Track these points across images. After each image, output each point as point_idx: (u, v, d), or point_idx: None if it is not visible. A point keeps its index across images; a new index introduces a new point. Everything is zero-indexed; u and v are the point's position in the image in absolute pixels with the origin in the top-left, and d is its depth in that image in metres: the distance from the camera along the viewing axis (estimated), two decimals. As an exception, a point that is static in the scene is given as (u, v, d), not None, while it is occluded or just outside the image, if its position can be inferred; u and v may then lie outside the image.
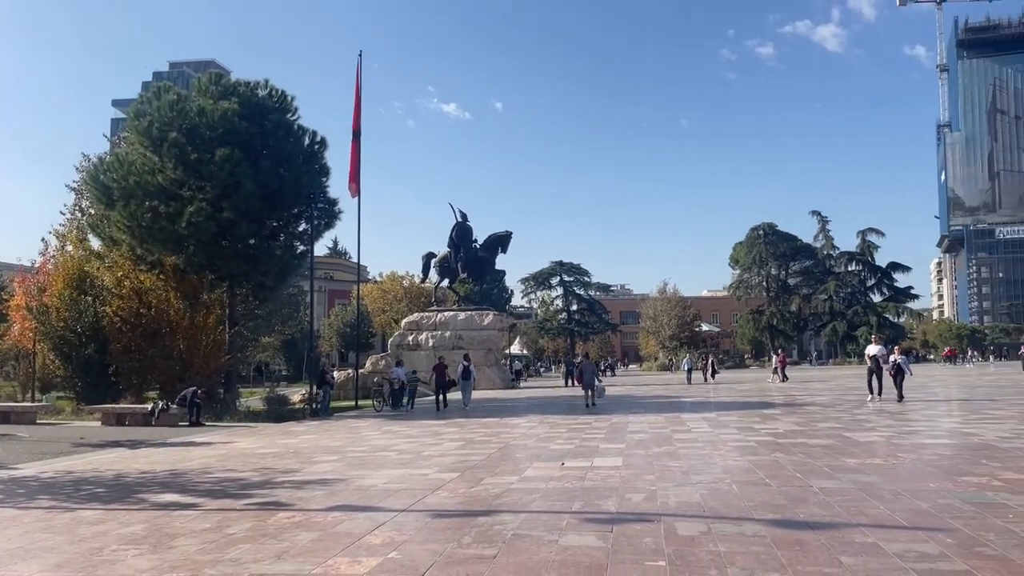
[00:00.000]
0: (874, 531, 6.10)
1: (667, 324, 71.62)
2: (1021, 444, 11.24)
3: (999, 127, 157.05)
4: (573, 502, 7.69)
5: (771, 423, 15.55)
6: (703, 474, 9.24)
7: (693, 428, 15.06)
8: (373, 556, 5.85)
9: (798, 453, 10.80)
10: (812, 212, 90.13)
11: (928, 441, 12.10)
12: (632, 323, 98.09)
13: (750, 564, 5.28)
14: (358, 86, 27.08)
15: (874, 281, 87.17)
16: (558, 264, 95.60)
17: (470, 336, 38.86)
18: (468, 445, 13.32)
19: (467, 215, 42.83)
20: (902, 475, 8.80)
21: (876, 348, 21.44)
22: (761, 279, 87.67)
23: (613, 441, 13.04)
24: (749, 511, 7.02)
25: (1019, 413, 16.47)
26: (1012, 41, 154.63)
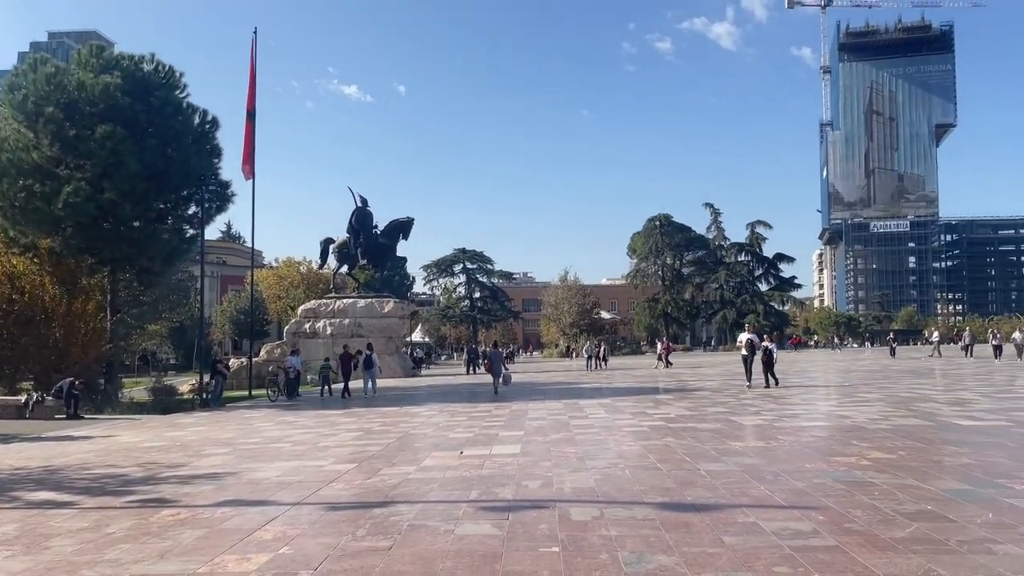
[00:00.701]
0: (755, 511, 6.42)
1: (568, 312, 72.78)
2: (887, 425, 12.07)
3: (875, 127, 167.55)
4: (471, 491, 7.71)
5: (664, 408, 16.09)
6: (598, 459, 9.46)
7: (590, 414, 15.39)
8: (263, 552, 5.69)
9: (688, 437, 11.22)
10: (705, 204, 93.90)
11: (806, 424, 12.82)
12: (534, 311, 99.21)
13: (639, 547, 5.45)
14: (252, 64, 26.07)
15: (762, 271, 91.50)
16: (461, 251, 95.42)
17: (370, 324, 38.29)
18: (366, 435, 13.15)
19: (367, 200, 42.05)
20: (782, 456, 9.29)
21: (749, 336, 22.12)
22: (657, 268, 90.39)
23: (512, 429, 13.17)
24: (640, 495, 7.25)
25: (887, 396, 17.69)
26: (888, 47, 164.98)
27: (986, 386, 20.06)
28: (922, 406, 15.03)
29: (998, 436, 10.59)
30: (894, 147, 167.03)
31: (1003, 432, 10.98)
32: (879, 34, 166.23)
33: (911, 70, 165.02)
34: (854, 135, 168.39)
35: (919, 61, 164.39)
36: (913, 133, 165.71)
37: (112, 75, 22.61)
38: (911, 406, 15.06)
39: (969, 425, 11.95)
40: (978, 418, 12.78)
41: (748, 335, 22.01)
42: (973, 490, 7.06)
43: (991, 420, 12.45)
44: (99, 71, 22.93)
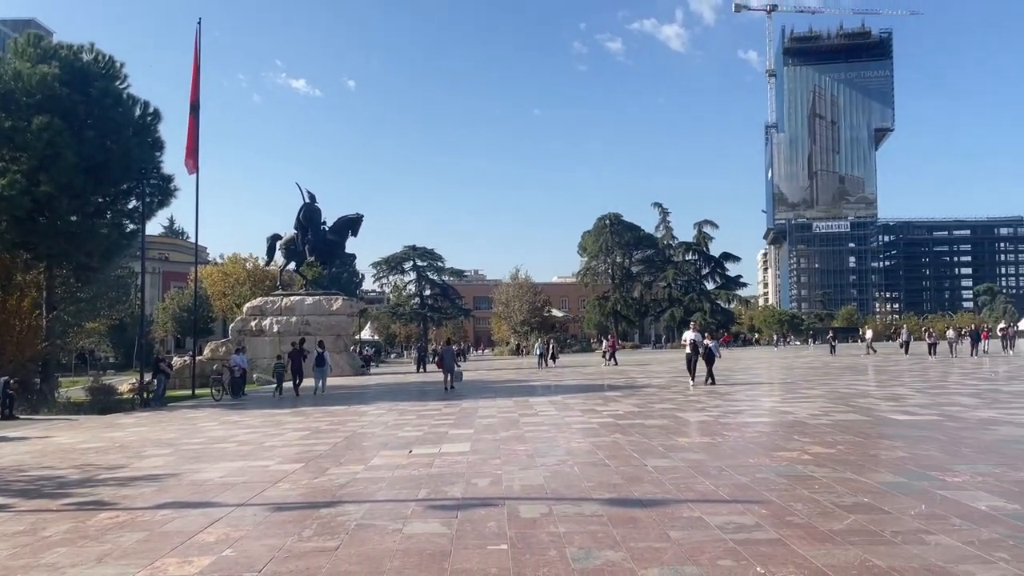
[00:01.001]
0: (700, 506, 6.53)
1: (519, 309, 73.02)
2: (827, 421, 12.42)
3: (818, 130, 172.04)
4: (419, 490, 7.68)
5: (613, 405, 16.26)
6: (547, 457, 9.51)
7: (540, 412, 15.46)
8: (205, 555, 5.57)
9: (636, 434, 11.36)
10: (654, 204, 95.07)
11: (750, 420, 13.11)
12: (485, 308, 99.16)
13: (587, 543, 5.50)
14: (196, 57, 25.41)
15: (708, 270, 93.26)
16: (411, 248, 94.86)
17: (318, 322, 37.78)
18: (313, 435, 12.97)
19: (315, 196, 41.46)
20: (726, 452, 9.48)
21: (693, 335, 22.05)
22: (607, 267, 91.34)
23: (462, 427, 13.14)
24: (589, 491, 7.31)
25: (827, 392, 18.19)
26: (830, 52, 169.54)
27: (920, 382, 20.79)
28: (860, 401, 15.50)
29: (931, 430, 10.97)
30: (836, 150, 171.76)
31: (935, 426, 11.39)
32: (822, 40, 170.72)
33: (852, 75, 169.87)
34: (798, 137, 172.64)
35: (859, 67, 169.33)
36: (854, 136, 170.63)
37: (50, 65, 21.85)
38: (850, 402, 15.52)
39: (904, 420, 12.36)
40: (912, 413, 13.24)
41: (692, 334, 22.07)
42: (907, 482, 7.30)
43: (924, 415, 12.90)
44: (36, 61, 22.13)
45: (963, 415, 12.70)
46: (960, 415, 12.71)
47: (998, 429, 10.93)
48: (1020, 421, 11.79)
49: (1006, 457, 8.56)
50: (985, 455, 8.74)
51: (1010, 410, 13.33)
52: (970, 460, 8.41)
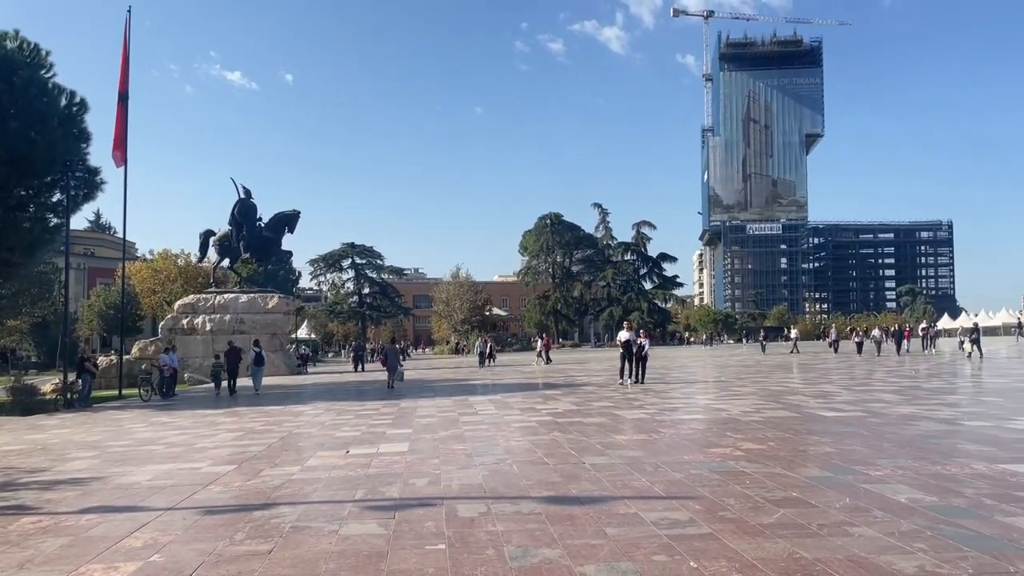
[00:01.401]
0: (636, 502, 6.63)
1: (459, 308, 72.86)
2: (759, 417, 12.77)
3: (752, 134, 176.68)
4: (356, 490, 7.59)
5: (552, 403, 16.37)
6: (486, 456, 9.52)
7: (480, 410, 15.46)
8: (132, 560, 5.39)
9: (574, 432, 11.47)
10: (594, 204, 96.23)
11: (685, 417, 13.37)
12: (425, 307, 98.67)
13: (525, 541, 5.52)
14: (126, 45, 24.59)
15: (646, 270, 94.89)
16: (350, 246, 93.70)
17: (253, 320, 36.97)
18: (247, 435, 12.69)
19: (251, 192, 40.56)
20: (662, 449, 9.65)
21: (627, 334, 21.93)
22: (548, 266, 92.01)
23: (401, 426, 13.05)
24: (527, 490, 7.34)
25: (759, 390, 18.70)
26: (764, 58, 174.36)
27: (847, 380, 21.56)
28: (790, 399, 15.99)
29: (856, 426, 11.39)
30: (769, 154, 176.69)
31: (860, 422, 11.83)
32: (756, 46, 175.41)
33: (784, 82, 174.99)
34: (733, 141, 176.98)
35: (791, 73, 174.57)
36: (786, 141, 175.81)
37: (-33, 51, 20.78)
38: (780, 399, 15.99)
39: (831, 416, 12.80)
40: (839, 409, 13.72)
41: (626, 333, 22.04)
42: (833, 477, 7.57)
43: (850, 411, 13.38)
44: (-48, 45, 21.03)
45: (885, 411, 13.22)
46: (883, 411, 13.23)
47: (917, 424, 11.41)
48: (938, 417, 12.33)
49: (924, 451, 8.94)
50: (905, 449, 9.11)
51: (929, 406, 13.93)
52: (891, 454, 8.77)
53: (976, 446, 9.27)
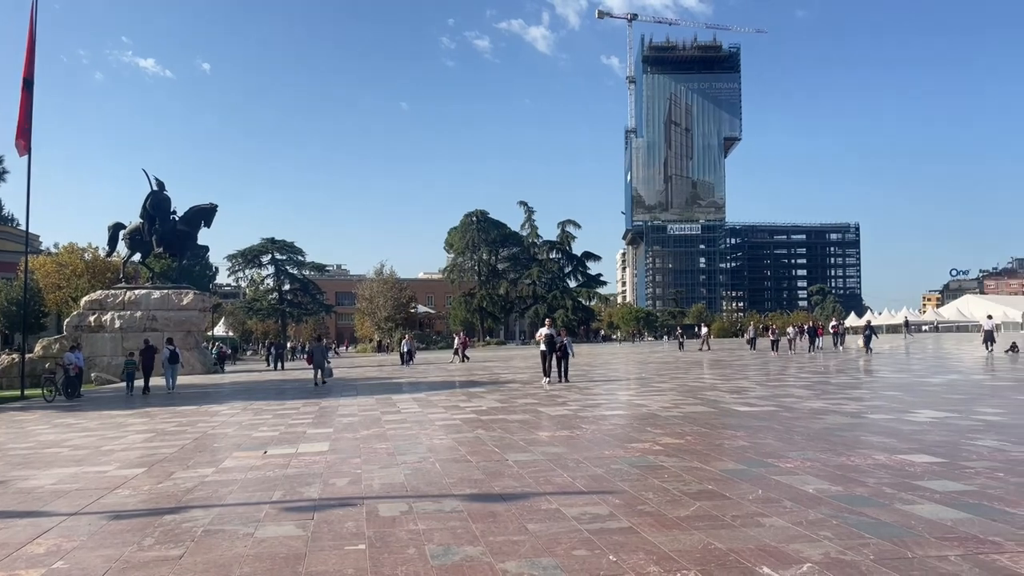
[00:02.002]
0: (558, 498, 6.69)
1: (383, 306, 72.06)
2: (678, 413, 13.09)
3: (673, 136, 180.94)
4: (273, 491, 7.40)
5: (476, 401, 16.36)
6: (409, 454, 9.43)
7: (403, 409, 15.32)
8: (34, 568, 5.11)
9: (498, 429, 11.49)
10: (520, 202, 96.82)
11: (607, 413, 13.58)
12: (348, 304, 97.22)
13: (447, 539, 5.50)
14: (32, 29, 23.26)
15: (571, 268, 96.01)
16: (270, 241, 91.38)
17: (166, 317, 35.61)
18: (158, 436, 12.21)
19: (164, 184, 39.03)
20: (584, 445, 9.77)
21: (548, 331, 21.47)
22: (473, 264, 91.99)
23: (321, 426, 12.80)
24: (450, 488, 7.31)
25: (678, 386, 19.17)
26: (685, 62, 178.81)
27: (762, 376, 22.34)
28: (707, 394, 16.45)
29: (768, 420, 11.81)
30: (689, 156, 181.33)
31: (772, 416, 12.27)
32: (678, 50, 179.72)
33: (704, 86, 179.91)
34: (655, 143, 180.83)
35: (711, 78, 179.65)
36: (705, 144, 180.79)
37: None
38: (698, 394, 16.43)
39: (745, 411, 13.23)
40: (753, 404, 14.20)
41: (547, 330, 21.63)
42: (747, 469, 7.82)
43: (763, 406, 13.87)
44: None
45: (796, 406, 13.76)
46: (794, 406, 13.76)
47: (825, 418, 11.91)
48: (844, 411, 12.91)
49: (831, 443, 9.34)
50: (814, 442, 9.50)
51: (836, 400, 14.57)
52: (801, 447, 9.12)
53: (878, 438, 9.74)
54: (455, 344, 40.33)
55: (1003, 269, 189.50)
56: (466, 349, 40.41)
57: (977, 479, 7.09)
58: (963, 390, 16.59)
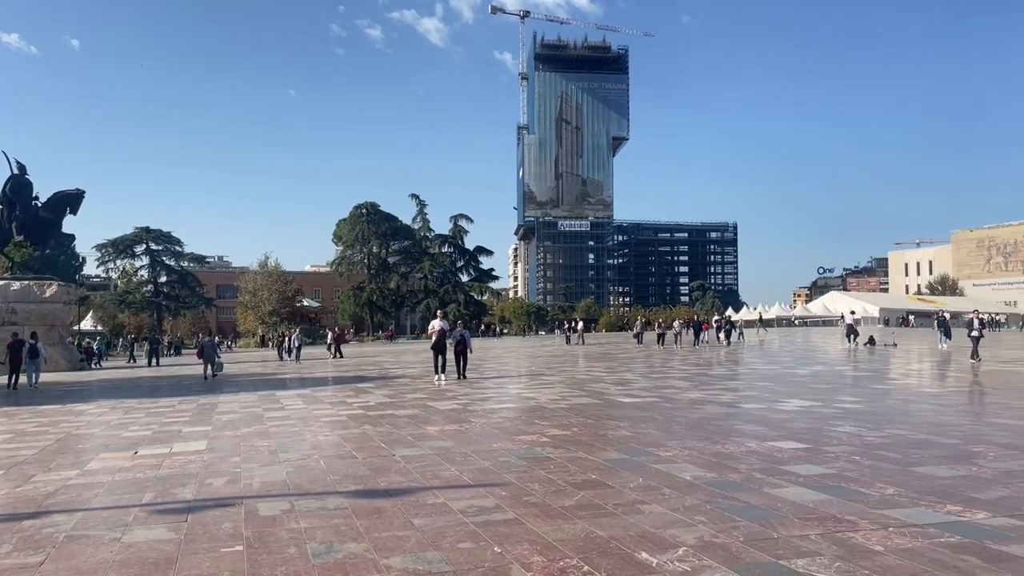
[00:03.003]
0: (444, 492, 6.68)
1: (268, 299, 69.60)
2: (565, 405, 13.35)
3: (564, 134, 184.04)
4: (144, 494, 7.02)
5: (364, 397, 16.11)
6: (292, 452, 9.17)
7: (287, 405, 14.87)
8: None
9: (386, 424, 11.35)
10: (412, 195, 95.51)
11: (496, 406, 13.69)
12: (230, 297, 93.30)
13: (330, 537, 5.38)
14: None
15: (463, 262, 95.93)
16: (144, 230, 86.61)
17: (27, 310, 33.09)
18: (17, 438, 11.33)
19: (26, 168, 36.18)
20: (472, 438, 9.80)
21: (441, 323, 20.16)
22: (363, 256, 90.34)
23: (198, 424, 12.24)
24: (334, 485, 7.16)
25: (566, 378, 19.56)
26: (576, 61, 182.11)
27: (645, 368, 23.12)
28: (594, 386, 16.87)
29: (650, 411, 12.24)
30: (579, 154, 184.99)
31: (654, 407, 12.73)
32: (569, 49, 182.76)
33: (595, 85, 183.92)
34: (547, 140, 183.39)
35: (601, 78, 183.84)
36: (595, 143, 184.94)
37: None
38: (585, 387, 16.82)
39: (629, 402, 13.66)
40: (637, 396, 14.67)
41: (440, 322, 20.22)
42: (629, 459, 8.07)
43: (646, 397, 14.36)
44: None
45: (677, 397, 14.32)
46: (674, 397, 14.32)
47: (703, 408, 12.47)
48: (720, 401, 13.55)
49: (708, 432, 9.78)
50: (692, 431, 9.92)
51: (713, 391, 15.28)
52: (680, 436, 9.50)
53: (750, 426, 10.29)
54: (329, 338, 38.59)
55: (863, 268, 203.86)
56: (340, 345, 39.13)
57: (837, 463, 7.60)
58: (826, 380, 17.76)
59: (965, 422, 10.53)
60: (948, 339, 32.80)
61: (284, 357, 36.71)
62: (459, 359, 19.91)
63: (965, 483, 6.64)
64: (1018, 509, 5.74)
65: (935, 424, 10.31)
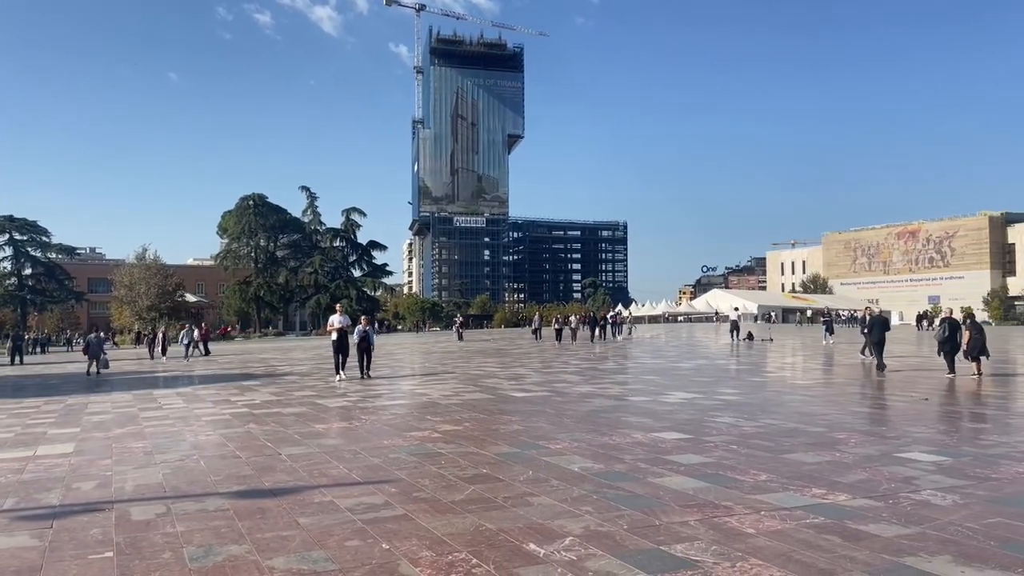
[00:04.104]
0: (332, 490, 6.55)
1: (145, 294, 66.04)
2: (458, 400, 13.36)
3: (460, 130, 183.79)
4: (4, 500, 6.51)
5: (249, 395, 15.56)
6: (170, 453, 8.74)
7: (165, 405, 14.17)
8: None
9: (272, 423, 11.01)
10: (302, 187, 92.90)
11: (388, 403, 13.53)
12: (103, 292, 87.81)
13: (209, 540, 5.17)
14: None
15: (356, 257, 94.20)
16: (8, 219, 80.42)
17: None
18: None
19: None
20: (362, 435, 9.65)
21: (341, 318, 18.56)
22: (250, 250, 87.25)
23: (66, 425, 11.48)
24: (214, 486, 6.88)
25: (460, 374, 19.58)
26: (472, 57, 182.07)
27: (538, 363, 23.45)
28: (487, 382, 16.96)
29: (542, 405, 12.43)
30: (475, 150, 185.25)
31: (545, 401, 12.93)
32: (465, 45, 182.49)
33: (490, 82, 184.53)
34: (442, 135, 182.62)
35: (496, 75, 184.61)
36: (491, 139, 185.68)
37: None
38: (478, 382, 16.89)
39: (521, 396, 13.82)
40: (529, 390, 14.86)
41: (340, 317, 18.55)
42: (520, 452, 8.16)
43: (538, 391, 14.57)
44: None
45: (568, 391, 14.61)
46: (565, 391, 14.60)
47: (592, 401, 12.78)
48: (609, 394, 13.92)
49: (596, 425, 10.03)
50: (581, 424, 10.14)
51: (602, 385, 15.68)
52: (570, 429, 9.70)
53: (636, 418, 10.63)
54: (195, 335, 36.14)
55: (744, 267, 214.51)
56: (207, 342, 37.01)
57: (716, 452, 7.96)
58: (708, 373, 18.58)
59: (831, 411, 11.26)
60: (831, 335, 34.98)
61: (156, 355, 34.59)
62: (363, 357, 18.58)
63: (829, 468, 7.10)
64: (875, 491, 6.19)
65: (805, 414, 10.97)
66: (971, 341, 16.49)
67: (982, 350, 16.50)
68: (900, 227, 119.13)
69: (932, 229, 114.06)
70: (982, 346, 16.50)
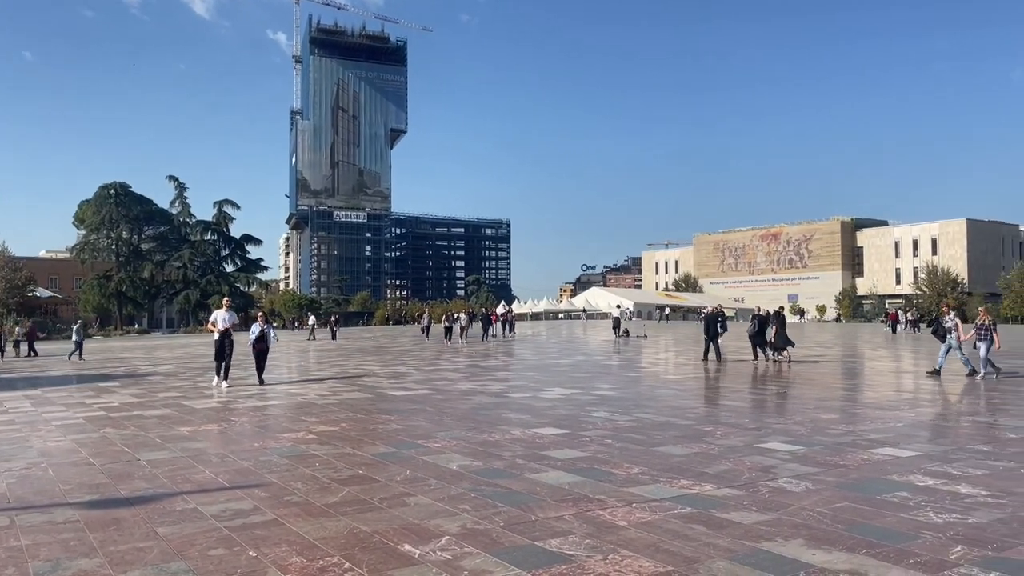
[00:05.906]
0: (196, 496, 6.21)
1: (-10, 288, 60.66)
2: (335, 400, 13.03)
3: (340, 123, 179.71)
4: None
5: (107, 396, 14.56)
6: (15, 461, 8.03)
7: (11, 408, 13.02)
8: None
9: (131, 426, 10.34)
10: (169, 177, 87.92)
11: (260, 404, 13.01)
12: (-60, 285, 79.88)
13: (57, 553, 4.78)
14: None
15: (228, 251, 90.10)
16: None
17: None
18: None
19: None
20: (232, 438, 9.23)
21: (226, 314, 16.05)
22: (111, 242, 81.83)
23: None
24: (64, 495, 6.38)
25: (337, 373, 19.13)
26: (354, 49, 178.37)
27: (419, 361, 23.26)
28: (366, 380, 16.65)
29: (422, 403, 12.33)
30: (356, 144, 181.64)
31: (426, 399, 12.84)
32: (346, 36, 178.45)
33: (372, 75, 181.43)
34: (322, 127, 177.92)
35: (379, 69, 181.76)
36: (373, 133, 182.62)
37: None
38: (357, 381, 16.55)
39: (401, 395, 13.66)
40: (409, 389, 14.71)
41: (224, 314, 15.98)
42: (398, 451, 8.05)
43: (418, 390, 14.44)
44: None
45: (448, 388, 14.57)
46: (446, 388, 14.55)
47: (473, 399, 12.80)
48: (490, 391, 13.99)
49: (476, 422, 10.05)
50: (461, 422, 10.13)
51: (484, 382, 15.74)
52: (449, 427, 9.66)
53: (516, 414, 10.72)
54: (16, 334, 32.85)
55: (621, 266, 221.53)
56: (33, 340, 33.87)
57: (591, 446, 8.15)
58: (586, 369, 19.04)
59: (699, 405, 11.80)
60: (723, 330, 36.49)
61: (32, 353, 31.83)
62: (259, 360, 16.18)
63: (697, 459, 7.42)
64: (737, 480, 6.52)
65: (675, 407, 11.43)
66: (777, 334, 19.79)
67: (786, 340, 19.70)
68: (764, 230, 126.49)
69: (792, 232, 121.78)
70: (785, 337, 19.75)
